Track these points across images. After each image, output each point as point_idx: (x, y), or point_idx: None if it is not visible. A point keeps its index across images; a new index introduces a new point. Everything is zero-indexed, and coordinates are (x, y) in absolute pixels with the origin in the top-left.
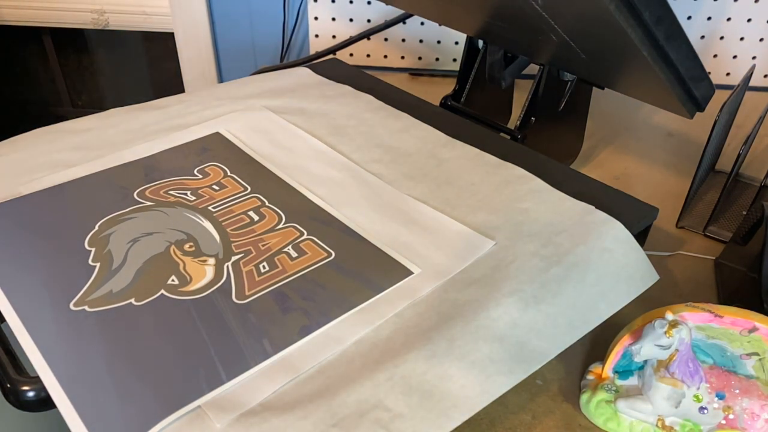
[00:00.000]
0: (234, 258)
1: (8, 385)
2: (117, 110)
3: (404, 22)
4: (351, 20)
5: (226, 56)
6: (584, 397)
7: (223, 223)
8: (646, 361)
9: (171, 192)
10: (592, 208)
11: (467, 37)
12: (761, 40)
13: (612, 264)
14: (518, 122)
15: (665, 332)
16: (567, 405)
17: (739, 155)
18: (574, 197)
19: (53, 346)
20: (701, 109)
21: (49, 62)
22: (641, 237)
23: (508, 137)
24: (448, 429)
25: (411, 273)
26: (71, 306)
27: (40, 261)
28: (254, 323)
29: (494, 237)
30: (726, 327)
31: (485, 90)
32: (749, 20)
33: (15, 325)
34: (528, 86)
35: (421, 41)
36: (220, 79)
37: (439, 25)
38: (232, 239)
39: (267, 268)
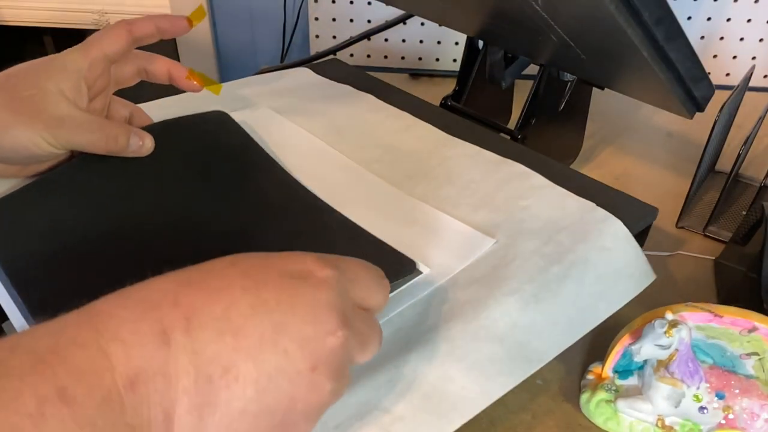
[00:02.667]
0: None
1: None
2: None
3: (404, 23)
4: (351, 21)
5: (227, 57)
6: (584, 397)
7: None
8: (645, 361)
9: None
10: (593, 205)
11: (467, 37)
12: (761, 40)
13: (611, 263)
14: (518, 122)
15: (665, 332)
16: (567, 405)
17: (738, 155)
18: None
19: None
20: (701, 109)
21: None
22: (641, 237)
23: (508, 137)
24: (449, 431)
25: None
26: None
27: None
28: None
29: (495, 235)
30: (726, 327)
31: (485, 90)
32: (749, 21)
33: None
34: (528, 87)
35: (421, 42)
36: (221, 80)
37: (440, 25)
38: None
39: None
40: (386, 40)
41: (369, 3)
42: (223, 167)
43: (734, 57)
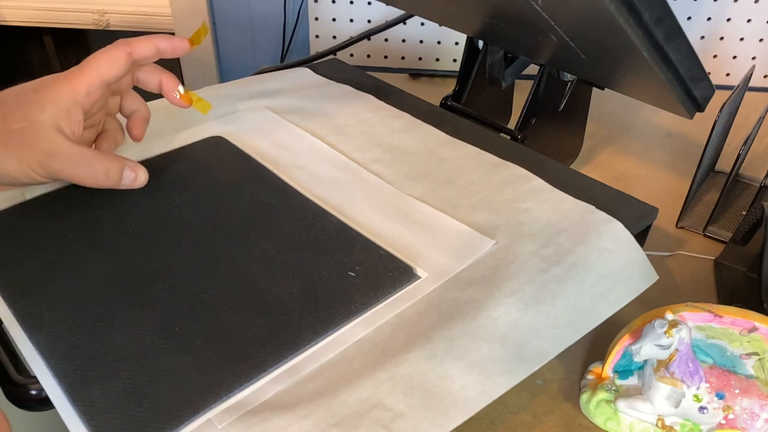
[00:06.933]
0: None
1: (9, 384)
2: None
3: (405, 23)
4: (351, 21)
5: (227, 57)
6: (584, 397)
7: None
8: (646, 361)
9: None
10: (593, 208)
11: (467, 37)
12: (761, 40)
13: (612, 264)
14: (518, 122)
15: (665, 332)
16: (567, 405)
17: (738, 155)
18: (574, 197)
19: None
20: (701, 109)
21: (49, 63)
22: (641, 237)
23: (508, 137)
24: (449, 429)
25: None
26: None
27: None
28: None
29: (495, 236)
30: (726, 327)
31: (485, 90)
32: (749, 21)
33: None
34: (528, 87)
35: (421, 42)
36: (221, 80)
37: (440, 25)
38: None
39: None
40: (386, 40)
41: (369, 3)
42: (215, 179)
43: (734, 57)
